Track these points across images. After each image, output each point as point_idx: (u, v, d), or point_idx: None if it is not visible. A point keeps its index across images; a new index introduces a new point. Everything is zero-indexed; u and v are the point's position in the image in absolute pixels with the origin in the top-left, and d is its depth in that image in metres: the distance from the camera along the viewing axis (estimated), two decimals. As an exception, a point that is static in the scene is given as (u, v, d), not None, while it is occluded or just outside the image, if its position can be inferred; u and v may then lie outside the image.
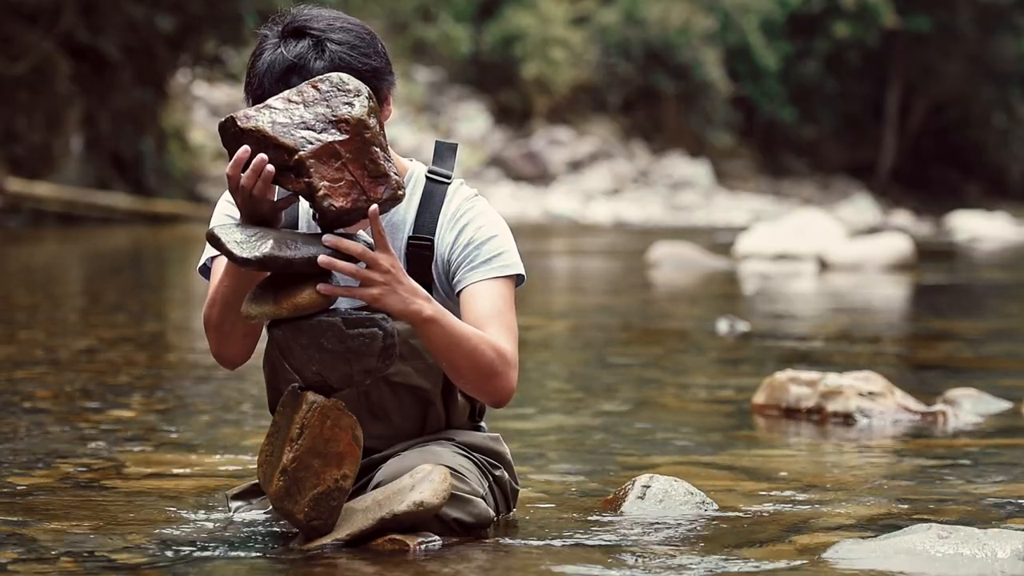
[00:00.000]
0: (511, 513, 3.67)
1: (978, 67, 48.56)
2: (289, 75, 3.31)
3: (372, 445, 3.46)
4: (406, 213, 3.48)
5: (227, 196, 3.54)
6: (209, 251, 3.49)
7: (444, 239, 3.48)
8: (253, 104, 3.34)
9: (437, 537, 3.32)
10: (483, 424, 3.68)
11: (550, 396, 6.40)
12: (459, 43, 40.34)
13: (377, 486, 3.37)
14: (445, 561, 3.23)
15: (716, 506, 3.87)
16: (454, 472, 3.37)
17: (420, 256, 3.45)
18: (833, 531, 3.64)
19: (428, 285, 3.47)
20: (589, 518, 3.75)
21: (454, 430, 3.58)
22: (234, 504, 3.66)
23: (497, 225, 3.50)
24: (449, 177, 3.53)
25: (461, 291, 3.46)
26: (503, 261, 3.47)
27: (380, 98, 3.33)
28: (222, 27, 28.27)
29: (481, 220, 3.49)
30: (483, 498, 3.43)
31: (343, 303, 3.33)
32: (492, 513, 3.45)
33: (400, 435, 3.53)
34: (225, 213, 3.49)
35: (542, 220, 33.05)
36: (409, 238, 3.47)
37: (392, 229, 3.48)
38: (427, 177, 3.52)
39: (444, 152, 3.55)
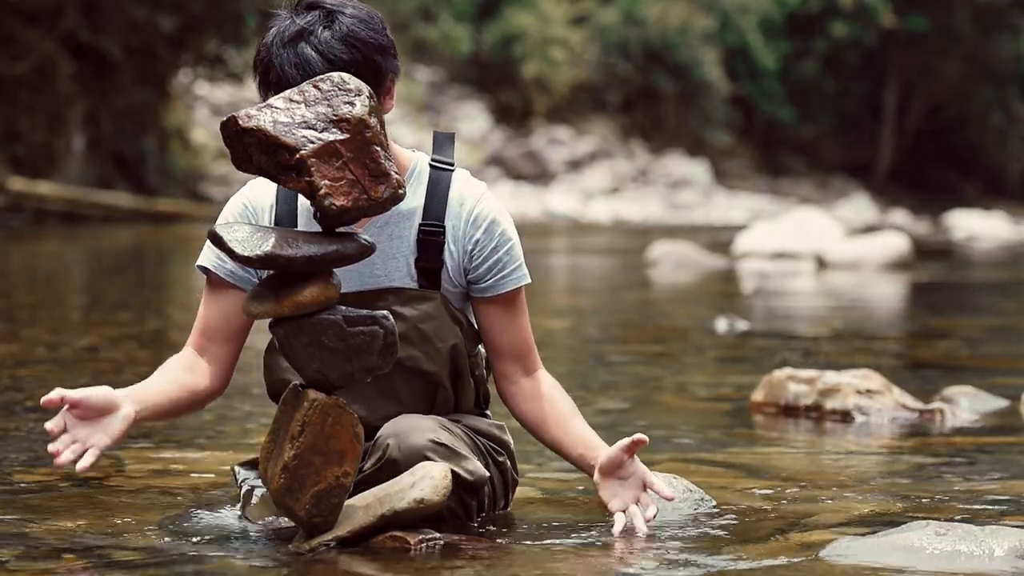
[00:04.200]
0: (509, 506, 3.71)
1: (976, 67, 48.56)
2: (297, 40, 3.39)
3: (381, 425, 3.51)
4: (414, 201, 3.54)
5: (239, 196, 3.61)
6: (209, 250, 3.56)
7: (465, 232, 3.57)
8: (260, 79, 3.43)
9: (438, 535, 3.34)
10: (488, 412, 3.74)
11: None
12: (459, 43, 40.36)
13: (381, 457, 3.41)
14: (445, 559, 3.25)
15: (715, 503, 3.88)
16: (437, 441, 3.42)
17: (432, 243, 3.54)
18: (831, 528, 3.64)
19: (437, 271, 3.56)
20: (589, 516, 3.76)
21: (462, 414, 3.63)
22: (241, 473, 3.69)
23: (513, 227, 3.65)
24: (451, 164, 3.61)
25: (493, 296, 3.61)
26: (524, 268, 3.65)
27: (383, 80, 3.42)
28: (223, 27, 28.29)
29: (503, 222, 3.62)
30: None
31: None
32: (486, 472, 3.50)
33: (409, 405, 3.58)
34: (234, 212, 3.58)
35: (542, 219, 33.05)
36: (420, 225, 3.54)
37: (401, 218, 3.54)
38: (431, 166, 3.59)
39: (443, 141, 3.65)
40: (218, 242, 3.12)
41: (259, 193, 3.60)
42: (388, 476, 3.36)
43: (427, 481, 3.25)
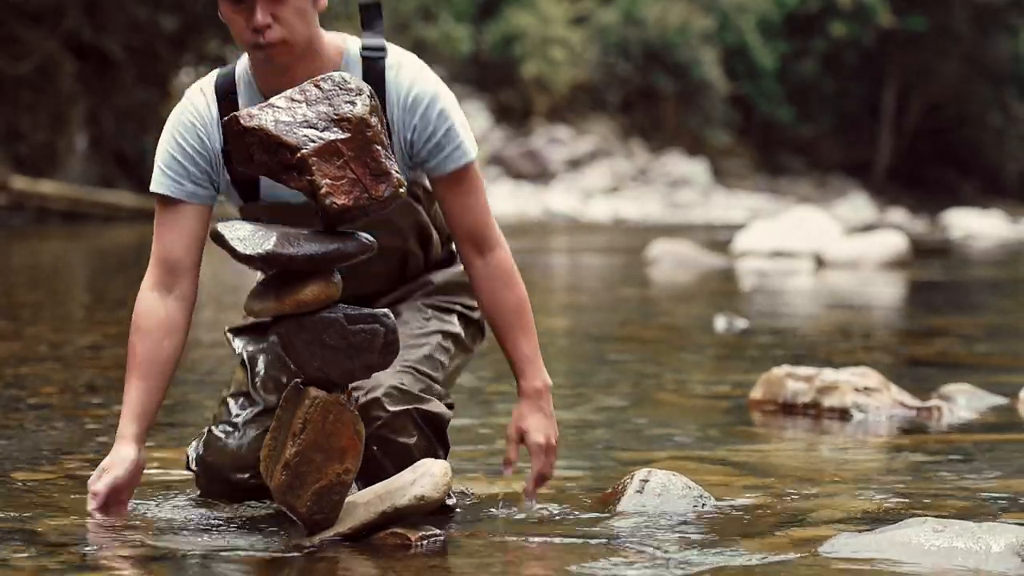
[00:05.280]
0: (474, 353, 3.87)
1: (974, 67, 48.59)
2: None
3: (358, 292, 3.63)
4: None
5: (182, 114, 3.63)
6: (161, 175, 3.58)
7: (403, 119, 3.55)
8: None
9: (439, 531, 3.36)
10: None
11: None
12: (459, 43, 40.37)
13: None
14: (446, 556, 3.26)
15: (713, 500, 3.89)
16: (396, 386, 3.52)
17: None
18: (829, 525, 3.66)
19: None
20: (588, 513, 3.78)
21: (433, 272, 3.79)
22: (236, 341, 3.79)
23: (452, 103, 3.59)
24: (383, 48, 3.58)
25: (441, 175, 3.57)
26: (465, 146, 3.57)
27: None
28: (224, 26, 28.28)
29: (439, 102, 3.55)
30: (440, 397, 3.62)
31: None
32: (448, 411, 3.61)
33: (383, 279, 3.74)
34: (184, 124, 3.59)
35: (542, 218, 33.04)
36: None
37: None
38: (363, 56, 3.56)
39: (371, 18, 3.60)
40: (219, 240, 3.14)
41: (201, 107, 3.64)
42: None
43: (427, 478, 3.27)
